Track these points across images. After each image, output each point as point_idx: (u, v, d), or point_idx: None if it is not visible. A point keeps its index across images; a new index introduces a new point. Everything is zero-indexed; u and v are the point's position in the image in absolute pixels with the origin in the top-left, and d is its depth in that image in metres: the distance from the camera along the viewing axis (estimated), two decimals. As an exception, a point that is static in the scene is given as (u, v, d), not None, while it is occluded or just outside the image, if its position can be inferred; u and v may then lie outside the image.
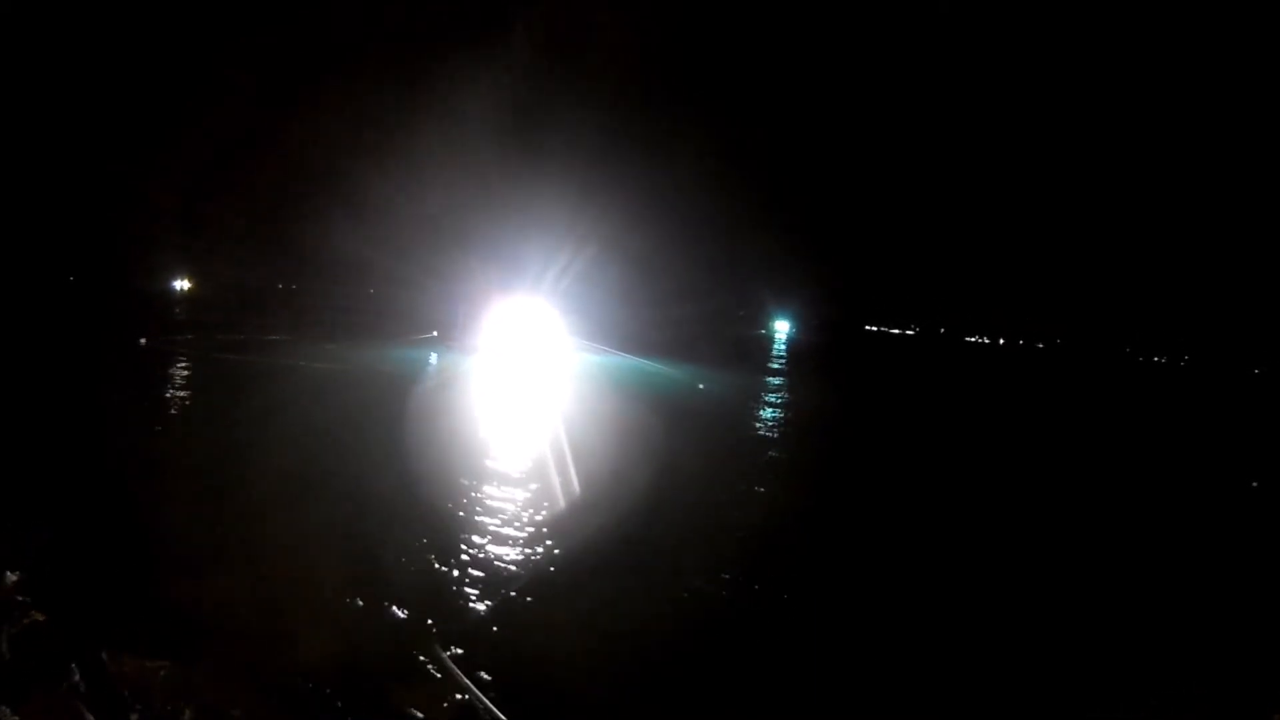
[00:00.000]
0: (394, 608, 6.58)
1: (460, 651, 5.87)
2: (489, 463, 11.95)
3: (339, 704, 5.12)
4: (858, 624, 7.14)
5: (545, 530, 8.90)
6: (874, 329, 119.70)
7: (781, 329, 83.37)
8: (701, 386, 21.73)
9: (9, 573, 6.41)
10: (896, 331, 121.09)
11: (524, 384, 23.46)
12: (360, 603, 6.62)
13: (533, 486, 10.66)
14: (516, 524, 9.04)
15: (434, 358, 26.90)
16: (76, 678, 4.91)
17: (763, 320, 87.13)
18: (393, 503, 9.46)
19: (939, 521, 11.06)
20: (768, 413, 21.05)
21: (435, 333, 28.94)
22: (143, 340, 27.79)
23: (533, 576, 7.52)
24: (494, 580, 7.38)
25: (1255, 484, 15.88)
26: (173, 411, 14.30)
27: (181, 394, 16.75)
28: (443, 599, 6.87)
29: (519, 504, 9.85)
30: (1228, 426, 29.81)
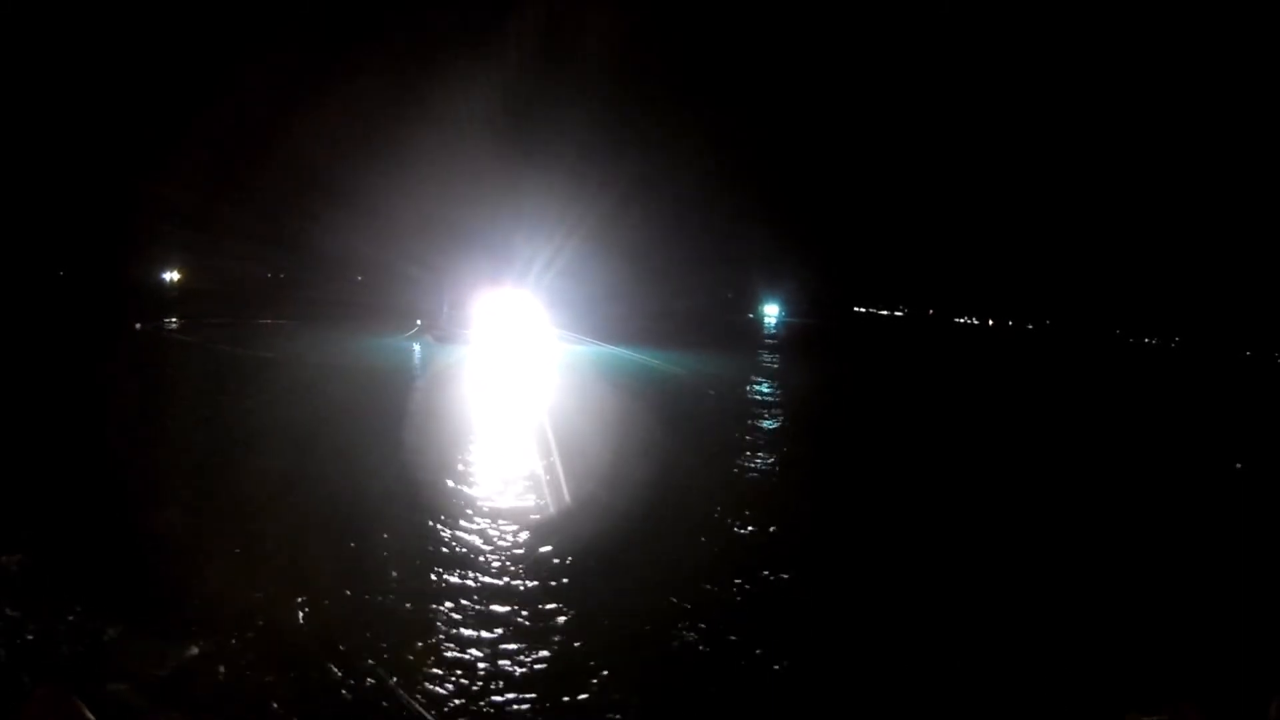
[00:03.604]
0: (391, 606, 6.65)
1: (464, 652, 5.97)
2: (478, 459, 12.00)
3: (341, 699, 5.18)
4: (860, 622, 7.23)
5: (540, 529, 8.94)
6: (862, 310, 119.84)
7: (771, 313, 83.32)
8: (710, 392, 21.78)
9: (8, 566, 6.46)
10: (885, 313, 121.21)
11: (511, 376, 23.45)
12: (361, 599, 6.68)
13: (525, 484, 10.69)
14: (510, 523, 9.09)
15: (418, 348, 26.89)
16: (75, 673, 4.97)
17: (752, 304, 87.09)
18: (380, 501, 9.45)
19: (935, 508, 11.17)
20: (760, 401, 21.13)
21: (420, 322, 28.87)
22: (138, 325, 27.93)
23: (530, 575, 7.56)
24: (493, 576, 7.45)
25: (1239, 465, 16.08)
26: (156, 405, 14.21)
27: (166, 386, 16.69)
28: (443, 597, 6.93)
29: (511, 502, 9.89)
30: (1216, 409, 30.05)
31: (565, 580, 7.46)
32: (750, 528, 9.53)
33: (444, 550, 7.97)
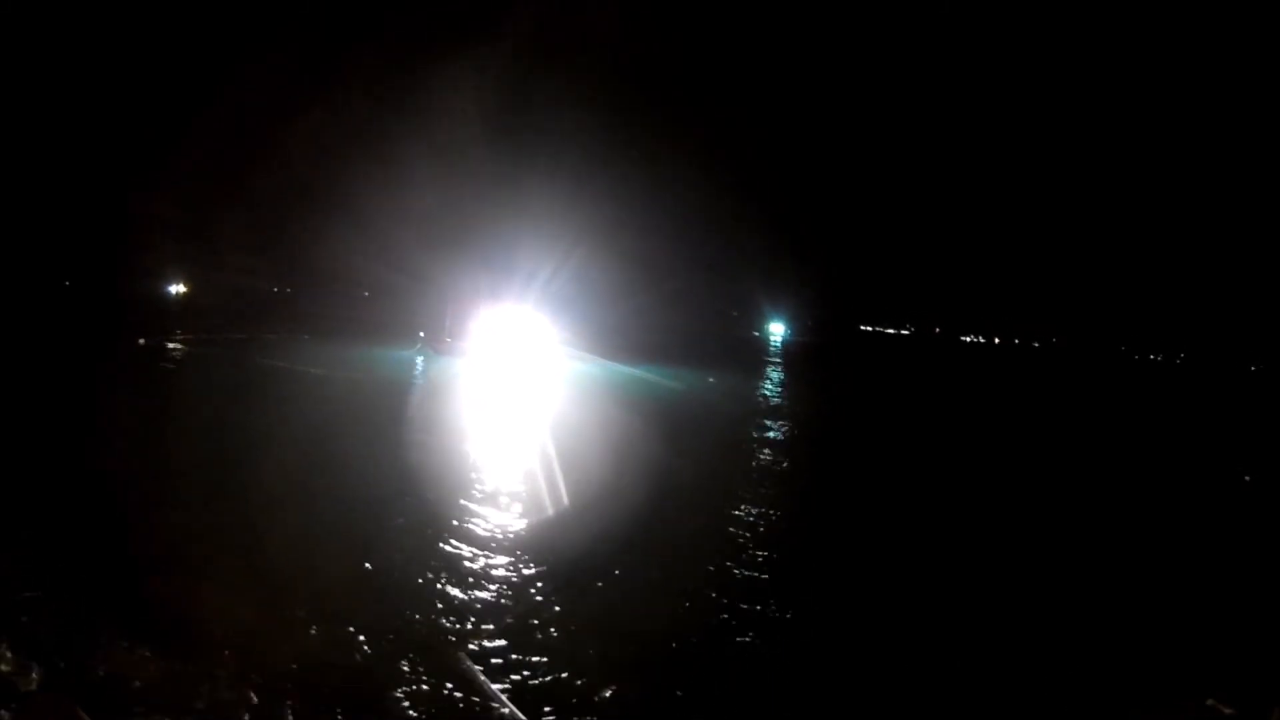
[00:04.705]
0: (397, 615, 6.60)
1: (472, 651, 5.92)
2: (481, 473, 11.94)
3: (341, 706, 5.13)
4: (859, 627, 7.17)
5: (543, 538, 8.89)
6: (869, 329, 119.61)
7: (776, 331, 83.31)
8: (711, 381, 21.71)
9: (8, 574, 6.43)
10: (891, 331, 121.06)
11: (513, 390, 23.42)
12: (359, 608, 6.63)
13: (528, 496, 10.63)
14: (513, 532, 9.05)
15: (420, 361, 26.93)
16: (73, 677, 4.94)
17: (757, 323, 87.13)
18: (384, 513, 9.41)
19: (939, 522, 11.09)
20: (764, 419, 21.05)
21: (422, 335, 28.90)
22: (141, 340, 27.98)
23: (533, 583, 7.51)
24: (494, 585, 7.40)
25: (1248, 478, 16.00)
26: (159, 417, 14.18)
27: (170, 399, 16.67)
28: (444, 605, 6.88)
29: (515, 512, 9.85)
30: (1223, 422, 29.92)
31: (562, 585, 7.44)
32: (749, 547, 9.49)
33: (439, 558, 7.94)
